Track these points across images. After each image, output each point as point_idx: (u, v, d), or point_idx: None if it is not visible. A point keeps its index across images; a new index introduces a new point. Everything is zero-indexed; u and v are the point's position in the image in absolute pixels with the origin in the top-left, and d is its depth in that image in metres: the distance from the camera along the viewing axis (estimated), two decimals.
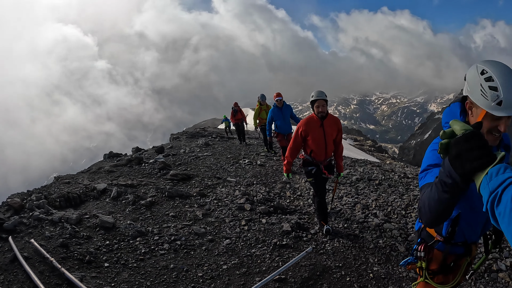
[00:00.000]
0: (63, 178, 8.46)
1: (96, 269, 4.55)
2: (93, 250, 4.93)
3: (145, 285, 4.33)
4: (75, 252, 4.79)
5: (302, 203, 7.54)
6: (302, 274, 4.78)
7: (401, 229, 6.02)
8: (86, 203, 6.86)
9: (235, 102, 18.77)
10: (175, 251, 5.21)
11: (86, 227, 5.65)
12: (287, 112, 10.74)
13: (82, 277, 4.23)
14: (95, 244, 5.16)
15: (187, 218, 6.44)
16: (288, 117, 10.80)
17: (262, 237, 5.78)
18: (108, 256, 4.89)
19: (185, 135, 19.85)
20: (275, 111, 10.66)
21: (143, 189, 7.87)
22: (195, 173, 9.83)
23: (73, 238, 5.16)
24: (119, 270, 4.60)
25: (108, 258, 4.85)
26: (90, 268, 4.56)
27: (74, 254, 4.74)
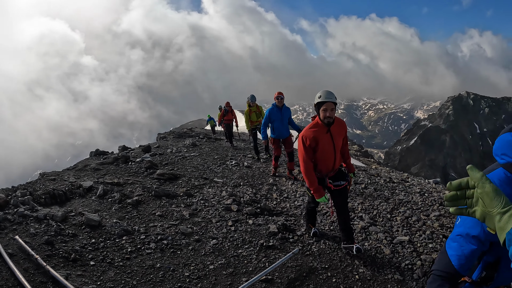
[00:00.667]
0: (49, 174, 8.36)
1: (81, 267, 4.51)
2: (78, 248, 4.89)
3: (131, 284, 4.31)
4: (60, 250, 4.75)
5: (289, 205, 7.57)
6: (288, 275, 4.80)
7: (386, 232, 6.09)
8: (71, 201, 6.80)
9: (227, 102, 18.24)
10: (161, 250, 5.20)
11: (72, 224, 5.61)
12: (286, 114, 9.78)
13: (67, 275, 4.19)
14: (81, 242, 5.11)
15: (173, 218, 6.42)
16: (287, 120, 9.86)
17: (248, 238, 5.79)
18: (94, 255, 4.85)
19: (172, 135, 19.76)
20: (273, 111, 9.58)
21: (129, 187, 7.83)
22: (182, 173, 9.80)
23: (59, 236, 5.11)
24: (105, 269, 4.57)
25: (94, 256, 4.82)
26: (76, 266, 4.52)
27: (59, 252, 4.69)
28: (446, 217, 6.61)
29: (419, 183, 9.52)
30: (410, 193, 8.12)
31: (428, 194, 7.97)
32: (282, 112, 9.63)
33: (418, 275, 4.86)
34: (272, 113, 9.61)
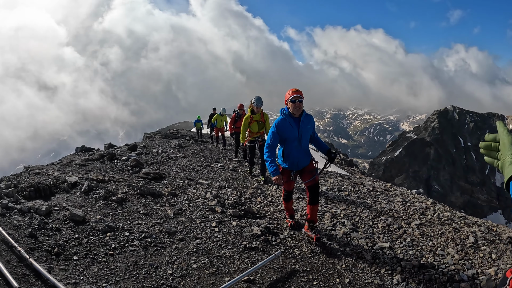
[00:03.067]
0: (33, 168, 8.31)
1: (64, 262, 4.52)
2: (62, 243, 4.89)
3: (114, 280, 4.33)
4: (43, 243, 4.75)
5: (273, 209, 7.64)
6: (270, 276, 4.88)
7: (367, 238, 6.19)
8: (56, 195, 6.77)
9: (241, 104, 14.51)
10: (145, 248, 5.22)
11: (56, 219, 5.59)
12: (308, 126, 5.81)
13: (50, 268, 4.20)
14: (64, 236, 5.11)
15: (158, 217, 6.45)
16: (308, 136, 5.91)
17: (232, 239, 5.84)
18: (77, 250, 4.86)
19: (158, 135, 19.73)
20: (285, 124, 5.67)
21: (114, 185, 7.83)
22: (167, 173, 9.82)
23: (42, 229, 5.10)
24: (88, 264, 4.58)
25: (77, 251, 4.82)
26: (59, 260, 4.52)
27: (43, 245, 4.69)
28: (427, 226, 6.75)
29: (402, 192, 9.67)
30: (392, 202, 8.25)
31: (410, 203, 8.11)
32: (300, 125, 5.69)
33: (398, 280, 4.96)
34: (282, 127, 5.72)
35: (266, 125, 10.62)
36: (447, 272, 5.15)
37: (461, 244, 6.01)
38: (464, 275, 5.04)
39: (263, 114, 10.57)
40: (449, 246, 5.97)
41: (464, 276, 5.02)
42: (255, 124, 10.56)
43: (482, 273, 5.15)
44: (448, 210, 7.96)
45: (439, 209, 7.85)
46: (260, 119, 10.52)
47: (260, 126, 10.65)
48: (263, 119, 10.58)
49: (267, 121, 10.64)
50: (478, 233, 6.42)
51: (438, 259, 5.54)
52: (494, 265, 5.36)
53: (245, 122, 10.42)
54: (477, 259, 5.56)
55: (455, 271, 5.17)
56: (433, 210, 7.69)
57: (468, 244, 6.02)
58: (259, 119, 10.49)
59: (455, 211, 8.19)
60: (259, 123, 10.56)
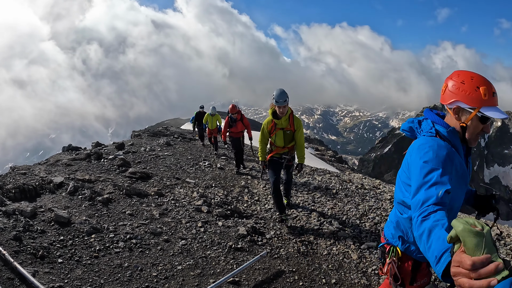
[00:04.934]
0: (19, 168, 8.27)
1: (49, 265, 4.52)
2: (46, 245, 4.89)
3: (99, 283, 4.35)
4: (28, 246, 4.74)
5: (259, 208, 7.69)
6: (256, 277, 4.93)
7: (355, 238, 6.29)
8: (42, 196, 6.75)
9: (233, 105, 11.92)
10: (130, 249, 5.24)
11: (41, 221, 5.58)
12: None
13: (34, 272, 4.20)
14: (49, 239, 5.11)
15: (143, 217, 6.46)
16: None
17: (217, 240, 5.88)
18: (62, 252, 4.86)
19: (146, 133, 19.66)
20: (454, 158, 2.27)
21: (100, 185, 7.81)
22: (154, 172, 9.82)
23: (27, 232, 5.09)
24: (73, 267, 4.59)
25: (62, 254, 4.83)
26: (43, 263, 4.53)
27: (27, 248, 4.69)
28: None
29: (390, 190, 9.76)
30: (380, 200, 8.34)
31: None
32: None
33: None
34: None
35: (298, 137, 6.78)
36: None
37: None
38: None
39: (293, 118, 6.72)
40: None
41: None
42: (280, 135, 6.73)
43: None
44: None
45: None
46: (288, 126, 6.70)
47: (288, 137, 6.79)
48: (293, 126, 6.73)
49: (300, 130, 6.80)
50: None
51: None
52: None
53: (264, 132, 6.77)
54: None
55: None
56: None
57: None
58: (286, 126, 6.69)
59: None
60: (287, 132, 6.73)
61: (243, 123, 11.87)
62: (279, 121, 6.63)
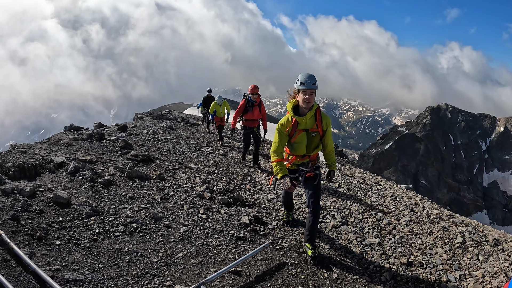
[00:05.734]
0: (20, 146, 8.11)
1: (47, 246, 4.41)
2: (45, 226, 4.78)
3: (97, 267, 4.24)
4: (26, 226, 4.62)
5: (262, 197, 7.56)
6: (258, 268, 4.82)
7: (357, 233, 6.15)
8: (41, 176, 6.60)
9: (254, 86, 9.97)
10: (130, 234, 5.12)
11: (40, 201, 5.46)
12: None
13: (31, 254, 4.09)
14: (48, 219, 4.99)
15: (144, 201, 6.33)
16: None
17: (219, 228, 5.77)
18: (60, 234, 4.74)
19: (149, 116, 19.48)
20: None
21: (101, 166, 7.68)
22: (156, 155, 9.67)
23: (25, 212, 4.97)
24: (71, 250, 4.47)
25: (60, 235, 4.71)
26: (41, 245, 4.41)
27: (25, 229, 4.57)
28: (416, 223, 6.72)
29: (391, 187, 9.64)
30: (382, 196, 8.21)
31: (399, 199, 8.07)
32: None
33: (386, 277, 4.94)
34: None
35: (327, 141, 5.03)
36: (435, 272, 5.14)
37: (449, 244, 6.00)
38: (451, 276, 5.04)
39: (320, 115, 4.87)
40: (438, 245, 5.95)
41: (452, 277, 5.01)
42: (303, 139, 4.89)
43: (469, 275, 5.14)
44: (436, 208, 7.95)
45: (427, 206, 7.84)
46: (315, 126, 4.86)
47: (313, 142, 4.96)
48: (321, 126, 4.89)
49: (329, 131, 4.99)
50: (466, 234, 6.42)
51: (427, 258, 5.53)
52: (481, 267, 5.36)
53: (281, 135, 4.88)
54: (464, 260, 5.56)
55: (443, 271, 5.18)
56: (422, 207, 7.67)
57: (457, 244, 6.01)
58: (312, 126, 4.85)
59: (443, 209, 8.19)
60: (312, 135, 4.89)
61: (260, 110, 10.24)
62: (302, 119, 4.74)
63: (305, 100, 4.56)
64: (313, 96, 4.58)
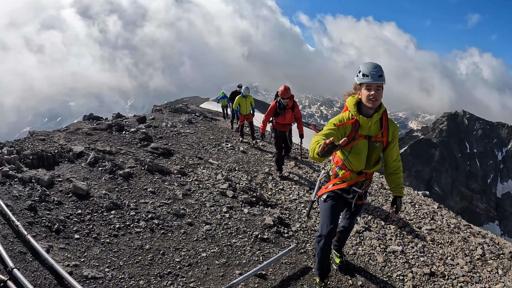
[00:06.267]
0: (38, 134, 7.93)
1: (65, 240, 4.17)
2: (63, 218, 4.54)
3: (118, 265, 3.99)
4: (43, 218, 4.39)
5: (284, 198, 7.30)
6: (282, 272, 4.58)
7: (380, 240, 5.89)
8: (60, 165, 6.38)
9: (286, 86, 8.54)
10: (151, 230, 4.88)
11: (58, 191, 5.23)
12: None
13: (49, 247, 3.86)
14: (66, 211, 4.75)
15: (166, 196, 6.08)
16: None
17: (243, 228, 5.51)
18: (79, 227, 4.51)
19: (168, 109, 19.26)
20: None
21: (121, 158, 7.46)
22: (176, 149, 9.43)
23: (43, 202, 4.74)
24: (90, 244, 4.24)
25: (79, 229, 4.47)
26: (59, 238, 4.18)
27: (43, 220, 4.34)
28: (438, 232, 6.40)
29: (409, 193, 9.26)
30: (402, 203, 7.86)
31: (418, 206, 7.71)
32: None
33: (409, 287, 4.70)
34: None
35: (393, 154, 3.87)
36: (457, 284, 4.93)
37: (470, 256, 5.72)
38: None
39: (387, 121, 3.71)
40: (459, 256, 5.68)
41: None
42: (363, 148, 3.70)
43: None
44: (453, 217, 7.61)
45: (445, 214, 7.50)
46: (379, 134, 3.69)
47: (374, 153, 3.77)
48: (387, 134, 3.73)
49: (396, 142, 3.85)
50: (485, 246, 6.11)
51: (448, 269, 5.29)
52: (501, 281, 5.11)
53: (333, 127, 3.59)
54: (485, 273, 5.30)
55: (464, 283, 4.97)
56: (440, 215, 7.34)
57: (477, 256, 5.73)
58: (376, 134, 3.69)
59: (459, 218, 7.84)
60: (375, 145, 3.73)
61: (293, 114, 8.92)
62: (368, 122, 3.53)
63: (370, 97, 3.39)
64: (381, 93, 3.41)
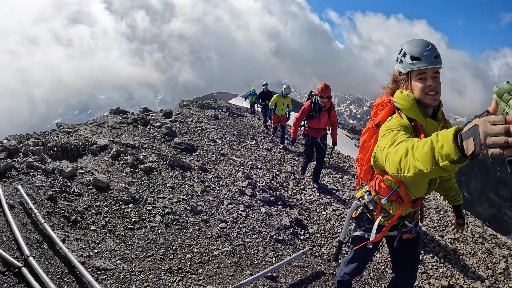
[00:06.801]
0: (65, 126, 8.14)
1: (81, 231, 4.26)
2: (81, 209, 4.64)
3: (130, 258, 4.04)
4: (62, 208, 4.50)
5: (304, 198, 7.24)
6: (294, 275, 4.53)
7: None
8: (83, 157, 6.52)
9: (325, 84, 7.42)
10: (166, 225, 4.92)
11: (79, 183, 5.34)
12: None
13: (65, 237, 3.95)
14: (85, 203, 4.86)
15: (184, 192, 6.13)
16: None
17: (259, 227, 5.49)
18: (96, 219, 4.60)
19: (195, 104, 19.41)
20: None
21: (144, 152, 7.56)
22: (199, 144, 9.49)
23: (63, 193, 4.86)
24: (105, 236, 4.31)
25: (96, 220, 4.56)
26: (75, 228, 4.27)
27: (61, 211, 4.45)
28: (460, 242, 6.20)
29: (435, 198, 9.05)
30: (426, 208, 7.66)
31: (443, 212, 7.51)
32: None
33: None
34: None
35: None
36: None
37: (492, 269, 5.47)
38: None
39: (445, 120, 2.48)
40: (480, 269, 5.45)
41: None
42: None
43: None
44: (479, 225, 7.36)
45: (471, 222, 7.26)
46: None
47: None
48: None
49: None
50: (509, 258, 5.85)
51: (468, 282, 5.07)
52: None
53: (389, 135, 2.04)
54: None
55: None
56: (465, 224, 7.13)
57: (499, 270, 5.48)
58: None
59: (485, 227, 7.57)
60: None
61: (329, 117, 7.73)
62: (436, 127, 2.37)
63: (428, 90, 2.25)
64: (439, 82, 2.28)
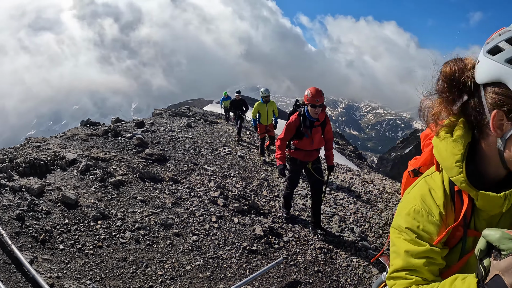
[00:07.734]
0: (34, 141, 7.99)
1: (49, 251, 4.21)
2: (50, 228, 4.59)
3: (99, 277, 4.02)
4: (30, 228, 4.44)
5: (278, 205, 7.29)
6: (269, 286, 4.58)
7: (377, 250, 5.88)
8: (52, 173, 6.42)
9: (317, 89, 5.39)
10: (137, 241, 4.90)
11: (47, 200, 5.27)
12: None
13: (33, 258, 3.90)
14: (53, 221, 4.80)
15: (155, 205, 6.10)
16: None
17: (231, 239, 5.51)
18: (65, 237, 4.55)
19: (168, 112, 19.31)
20: None
21: (114, 165, 7.48)
22: (171, 154, 9.45)
23: (31, 212, 4.79)
24: (74, 256, 4.27)
25: (65, 239, 4.51)
26: (44, 248, 4.22)
27: (29, 230, 4.39)
28: None
29: None
30: None
31: None
32: None
33: None
34: None
35: None
36: None
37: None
38: None
39: None
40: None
41: None
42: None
43: None
44: None
45: None
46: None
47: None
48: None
49: None
50: None
51: None
52: None
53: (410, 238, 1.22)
54: None
55: None
56: None
57: None
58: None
59: None
60: None
61: (323, 133, 5.89)
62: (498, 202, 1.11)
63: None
64: None
